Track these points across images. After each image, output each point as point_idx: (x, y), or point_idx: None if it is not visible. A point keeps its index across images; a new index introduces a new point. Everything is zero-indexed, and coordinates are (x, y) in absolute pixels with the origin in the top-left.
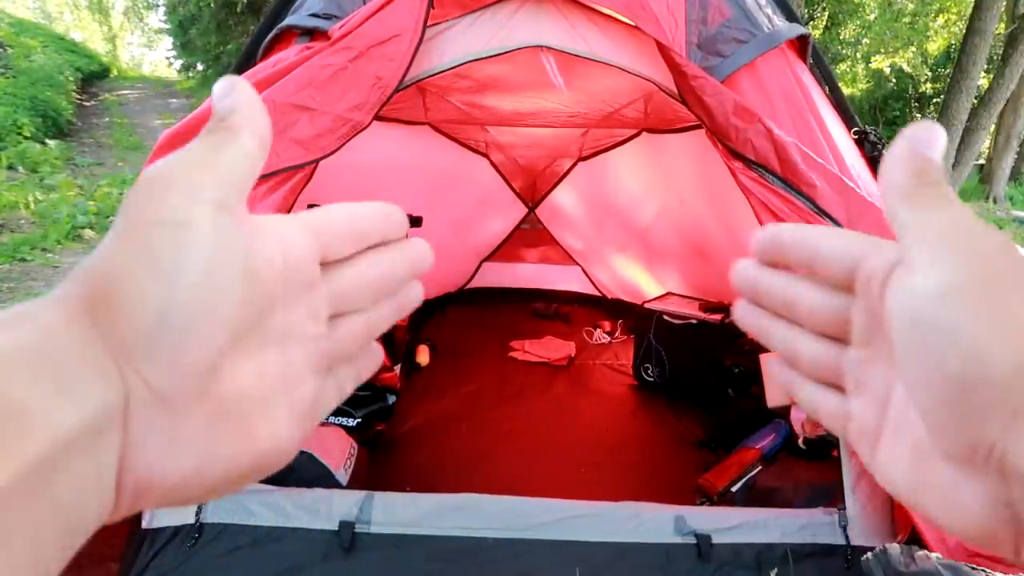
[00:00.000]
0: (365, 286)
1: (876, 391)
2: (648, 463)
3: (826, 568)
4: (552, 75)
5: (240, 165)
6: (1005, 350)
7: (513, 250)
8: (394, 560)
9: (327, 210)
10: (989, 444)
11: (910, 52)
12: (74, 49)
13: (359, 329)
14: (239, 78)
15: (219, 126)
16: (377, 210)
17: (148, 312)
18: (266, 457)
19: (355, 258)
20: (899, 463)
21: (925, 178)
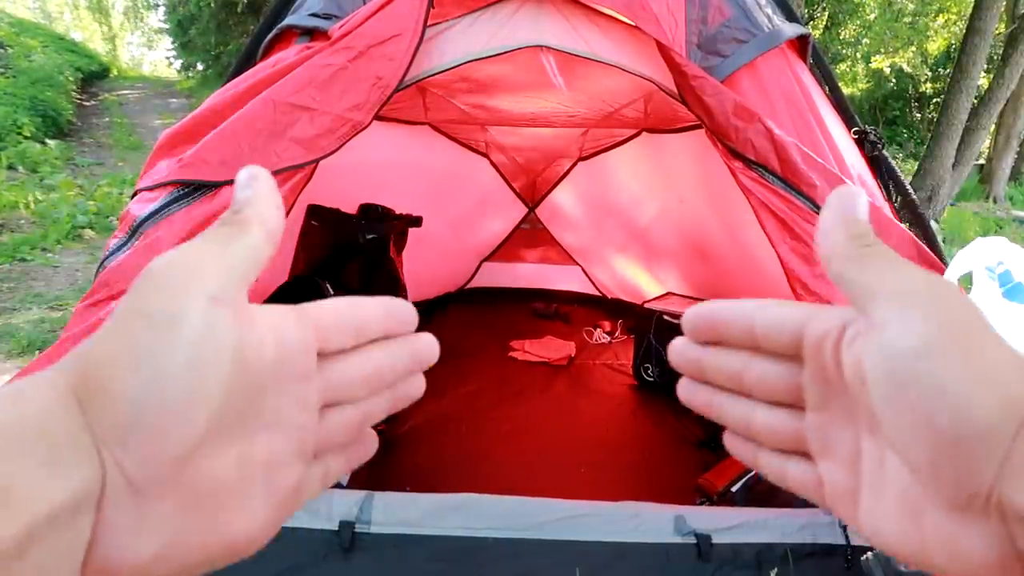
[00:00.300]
0: (360, 379)
1: (844, 451)
2: (648, 463)
3: (826, 568)
4: (552, 75)
5: (245, 259)
6: (988, 399)
7: (513, 250)
8: (394, 560)
9: (328, 303)
10: (986, 491)
11: (910, 52)
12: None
13: (351, 419)
14: (261, 170)
15: (232, 219)
16: (380, 304)
17: (124, 404)
18: (237, 545)
19: (354, 351)
20: (887, 519)
21: (866, 239)
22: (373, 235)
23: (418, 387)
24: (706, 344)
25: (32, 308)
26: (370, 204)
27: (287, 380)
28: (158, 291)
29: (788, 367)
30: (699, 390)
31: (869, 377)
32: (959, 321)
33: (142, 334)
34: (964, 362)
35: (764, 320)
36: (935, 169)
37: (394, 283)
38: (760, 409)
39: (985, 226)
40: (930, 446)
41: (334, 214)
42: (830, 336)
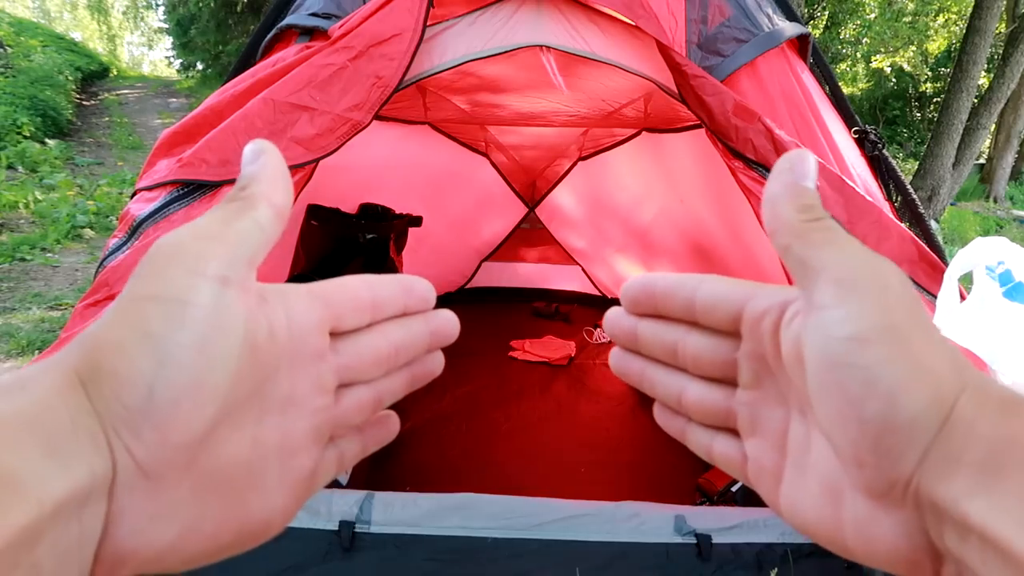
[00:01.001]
0: (377, 358)
1: (772, 430)
2: (648, 463)
3: (826, 568)
4: (552, 75)
5: (252, 237)
6: (918, 392)
7: (513, 250)
8: (394, 560)
9: (342, 281)
10: (906, 479)
11: (910, 51)
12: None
13: (367, 400)
14: (269, 144)
15: (238, 195)
16: (396, 281)
17: (135, 388)
18: (254, 530)
19: (369, 329)
20: (807, 500)
21: (812, 212)
22: (373, 235)
23: (437, 364)
24: (643, 316)
25: (32, 308)
26: (370, 204)
27: (300, 360)
28: (165, 272)
29: (724, 343)
30: (632, 361)
31: (807, 358)
32: (899, 310)
33: (151, 316)
34: (898, 353)
35: (705, 295)
36: (935, 169)
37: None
38: (693, 384)
39: (985, 225)
40: (856, 432)
41: (334, 214)
42: (770, 315)
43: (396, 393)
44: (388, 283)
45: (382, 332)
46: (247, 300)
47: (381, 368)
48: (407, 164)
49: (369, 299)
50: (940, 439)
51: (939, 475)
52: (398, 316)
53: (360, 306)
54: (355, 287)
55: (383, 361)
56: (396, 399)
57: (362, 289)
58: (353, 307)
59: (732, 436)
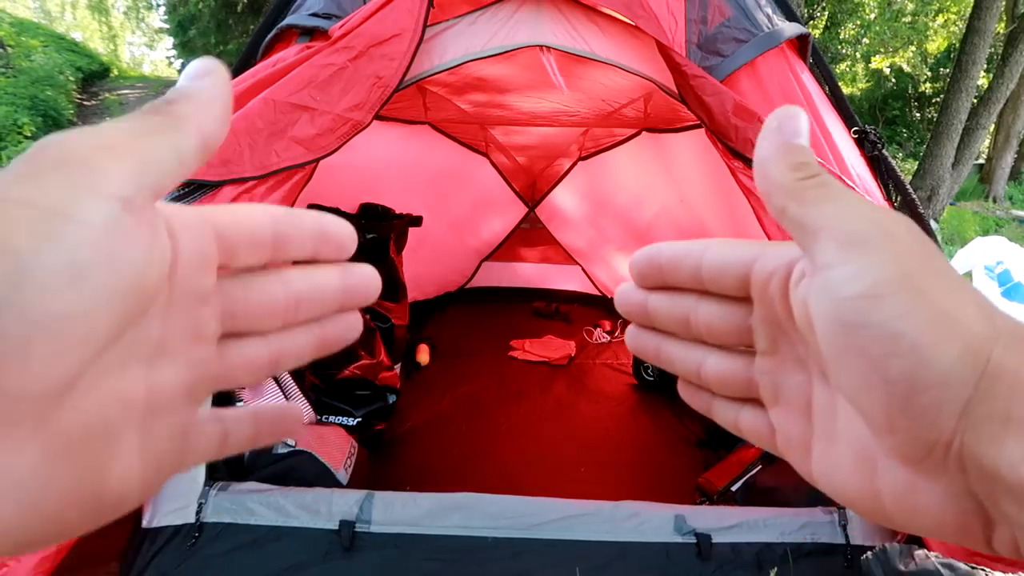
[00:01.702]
0: (271, 305)
1: (795, 398)
2: (648, 463)
3: (826, 567)
4: (552, 75)
5: (166, 162)
6: (946, 344)
7: (513, 249)
8: (394, 559)
9: (244, 208)
10: (946, 441)
11: (910, 52)
12: (74, 49)
13: (259, 357)
14: (219, 65)
15: (162, 108)
16: (309, 218)
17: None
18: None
19: (266, 271)
20: (840, 470)
21: (806, 170)
22: (373, 235)
23: (352, 328)
24: (652, 289)
25: None
26: (370, 204)
27: (177, 299)
28: (45, 176)
29: (737, 309)
30: (647, 337)
31: (816, 323)
32: (911, 260)
33: (15, 223)
34: (917, 304)
35: (711, 260)
36: (935, 168)
37: (394, 282)
38: (711, 355)
39: (985, 225)
40: (884, 395)
41: (334, 214)
42: (777, 275)
43: (298, 355)
44: (297, 218)
45: (280, 277)
46: (145, 232)
47: (276, 319)
48: (407, 164)
49: (270, 233)
50: (980, 394)
51: (985, 435)
52: (305, 262)
53: (258, 240)
54: (254, 216)
55: (279, 311)
56: (299, 363)
57: (263, 220)
58: (249, 240)
59: (758, 407)
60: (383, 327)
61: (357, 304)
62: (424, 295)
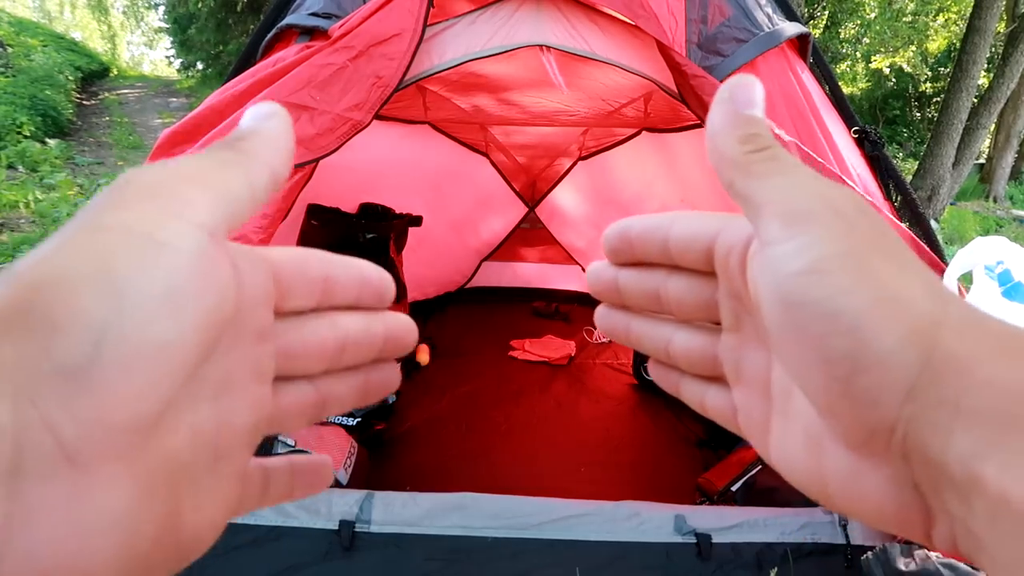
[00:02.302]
0: (321, 347)
1: (756, 376)
2: (648, 463)
3: (826, 567)
4: (552, 74)
5: (241, 196)
6: (887, 324)
7: (513, 249)
8: (394, 559)
9: (292, 251)
10: (888, 427)
11: (910, 51)
12: (74, 48)
13: (309, 401)
14: (283, 109)
15: (233, 144)
16: (353, 265)
17: (77, 339)
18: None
19: (316, 314)
20: (794, 453)
21: (756, 143)
22: (373, 234)
23: (393, 379)
24: (624, 265)
25: None
26: (370, 203)
27: (241, 337)
28: (137, 205)
29: (706, 284)
30: (616, 317)
31: (760, 300)
32: (856, 237)
33: (115, 249)
34: (859, 282)
35: (677, 233)
36: (935, 168)
37: (394, 282)
38: (679, 332)
39: (985, 225)
40: (824, 376)
41: (334, 213)
42: (736, 250)
43: (343, 401)
44: (343, 264)
45: (329, 319)
46: (225, 262)
47: (324, 362)
48: (407, 164)
49: (321, 277)
50: (925, 380)
51: (932, 425)
52: (348, 308)
53: (310, 283)
54: (307, 259)
55: (327, 353)
56: (342, 409)
57: (315, 263)
58: (303, 282)
59: (724, 386)
60: None
61: (396, 353)
62: (424, 295)
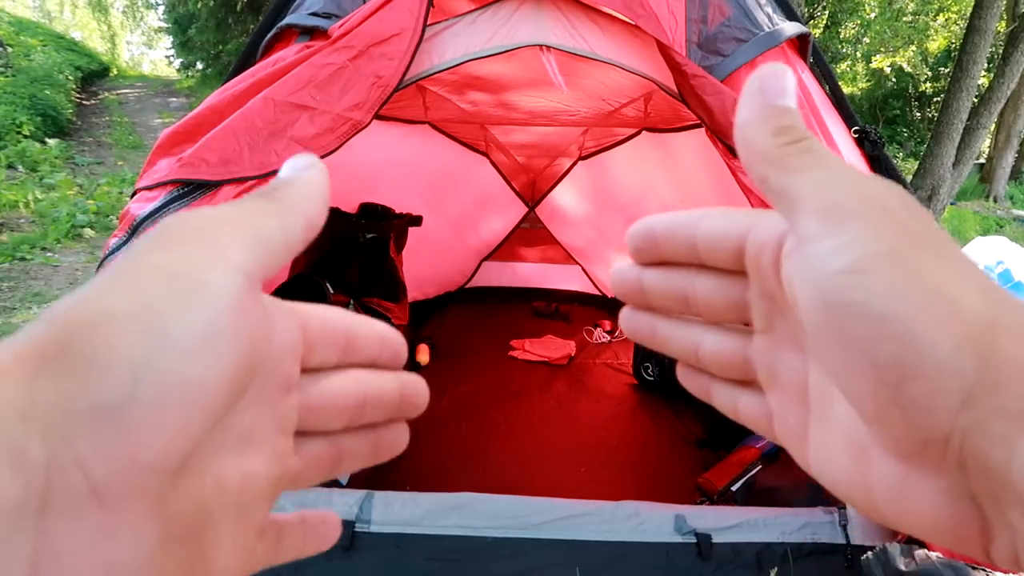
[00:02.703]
0: (343, 403)
1: (791, 380)
2: (648, 462)
3: (826, 567)
4: (552, 74)
5: (277, 242)
6: (939, 328)
7: (513, 249)
8: (394, 559)
9: (317, 307)
10: (942, 436)
11: (910, 51)
12: (74, 48)
13: (327, 457)
14: (320, 162)
15: (272, 194)
16: (373, 325)
17: (114, 376)
18: None
19: (339, 370)
20: (835, 462)
21: (790, 135)
22: (373, 234)
23: (402, 439)
24: (649, 265)
25: (32, 307)
26: (370, 203)
27: (267, 389)
28: (178, 247)
29: (736, 283)
30: (641, 319)
31: (799, 301)
32: (903, 234)
33: (157, 288)
34: (907, 283)
35: (706, 231)
36: (935, 168)
37: (394, 282)
38: (708, 334)
39: (985, 225)
40: (871, 382)
41: (334, 213)
42: (769, 248)
43: (357, 458)
44: (363, 324)
45: (351, 376)
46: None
47: (344, 418)
48: (407, 163)
49: (343, 334)
50: (985, 387)
51: (993, 435)
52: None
53: (334, 340)
54: (331, 317)
55: (348, 409)
56: (356, 468)
57: (337, 321)
58: (327, 339)
59: (758, 391)
60: None
61: (409, 413)
62: (424, 295)
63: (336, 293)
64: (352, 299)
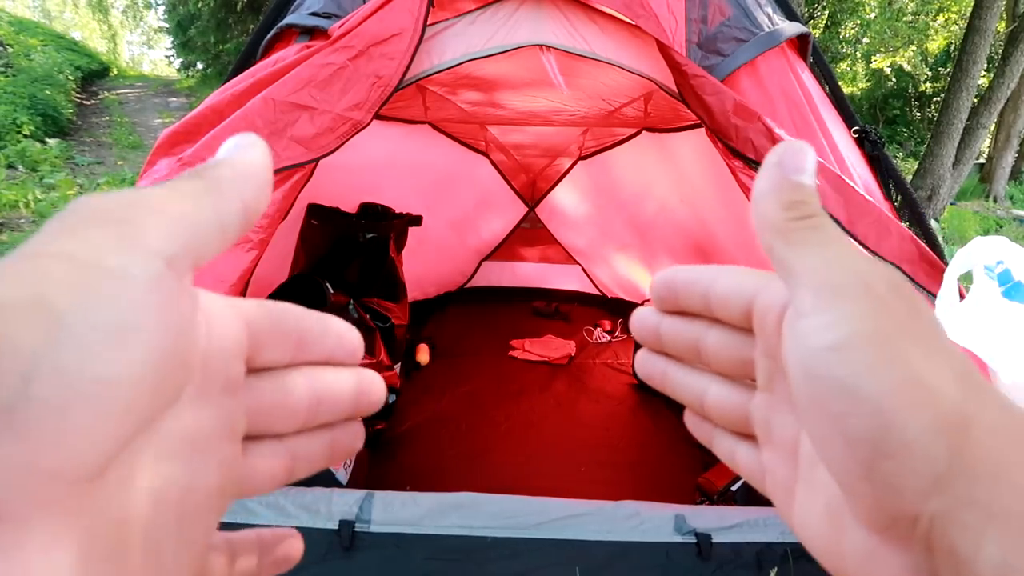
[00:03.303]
0: (295, 404)
1: (784, 439)
2: (648, 462)
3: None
4: (552, 74)
5: (208, 225)
6: (912, 410)
7: (513, 249)
8: (394, 559)
9: (264, 302)
10: (911, 516)
11: (910, 51)
12: (74, 48)
13: (279, 462)
14: (261, 141)
15: (203, 173)
16: (323, 319)
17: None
18: None
19: (291, 369)
20: (814, 522)
21: (800, 210)
22: (373, 234)
23: (358, 439)
24: (668, 313)
25: None
26: (370, 203)
27: (208, 389)
28: (85, 231)
29: (745, 340)
30: (655, 362)
31: (788, 370)
32: (886, 316)
33: (54, 277)
34: (885, 364)
35: (720, 288)
36: (935, 168)
37: (394, 282)
38: (714, 385)
39: (985, 225)
40: (844, 455)
41: (334, 213)
42: (773, 311)
43: (312, 462)
44: (317, 319)
45: (304, 374)
46: (188, 300)
47: (298, 419)
48: (407, 163)
49: (295, 331)
50: (957, 476)
51: (963, 523)
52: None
53: (284, 337)
54: (280, 312)
55: (302, 410)
56: (310, 472)
57: (288, 317)
58: (276, 335)
59: (755, 444)
60: (383, 327)
61: (365, 411)
62: (424, 295)
63: (336, 293)
64: (352, 299)
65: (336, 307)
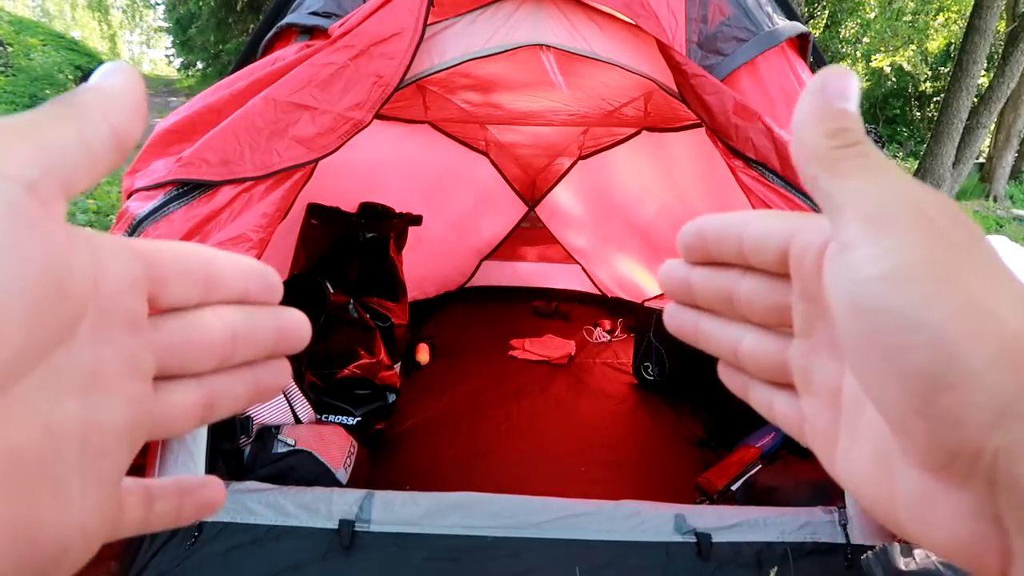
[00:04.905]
0: (209, 341)
1: (825, 386)
2: (648, 462)
3: (826, 567)
4: (552, 74)
5: (73, 149)
6: (975, 339)
7: (513, 249)
8: (394, 558)
9: (169, 242)
10: (973, 450)
11: (910, 51)
12: (74, 47)
13: (194, 400)
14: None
15: (67, 99)
16: (237, 259)
17: None
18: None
19: (202, 308)
20: (861, 470)
21: (845, 137)
22: (373, 234)
23: (283, 376)
24: (697, 264)
25: None
26: (370, 203)
27: (108, 325)
28: None
29: (780, 285)
30: (686, 315)
31: (833, 306)
32: (943, 245)
33: None
34: (944, 293)
35: (752, 233)
36: (935, 168)
37: (394, 282)
38: (749, 334)
39: (985, 225)
40: (899, 391)
41: (334, 213)
42: (811, 251)
43: (234, 401)
44: (227, 259)
45: (216, 312)
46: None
47: (213, 358)
48: (407, 163)
49: (201, 268)
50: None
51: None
52: (235, 302)
53: (190, 275)
54: (185, 251)
55: (216, 348)
56: (233, 411)
57: (194, 256)
58: (180, 273)
59: (793, 393)
60: (383, 326)
61: (288, 349)
62: (424, 294)
63: (336, 293)
64: (352, 298)
65: (336, 306)
